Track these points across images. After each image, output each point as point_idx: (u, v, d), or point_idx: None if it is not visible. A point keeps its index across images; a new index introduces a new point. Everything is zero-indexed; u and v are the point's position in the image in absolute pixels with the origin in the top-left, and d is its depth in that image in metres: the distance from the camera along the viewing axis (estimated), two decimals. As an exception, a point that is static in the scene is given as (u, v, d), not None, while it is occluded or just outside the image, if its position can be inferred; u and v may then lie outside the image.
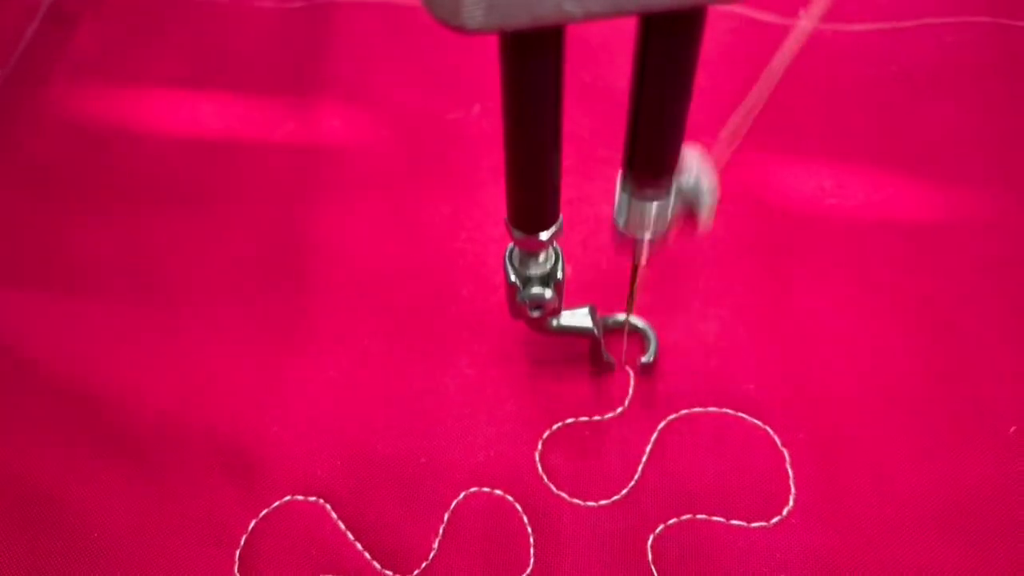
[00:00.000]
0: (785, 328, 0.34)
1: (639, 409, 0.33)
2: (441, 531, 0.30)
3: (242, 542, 0.30)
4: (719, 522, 0.30)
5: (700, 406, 0.33)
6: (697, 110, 0.24)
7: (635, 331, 0.33)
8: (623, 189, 0.25)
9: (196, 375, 0.34)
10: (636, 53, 0.21)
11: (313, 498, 0.31)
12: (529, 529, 0.30)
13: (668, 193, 0.25)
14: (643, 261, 0.27)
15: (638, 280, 0.29)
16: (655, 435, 0.32)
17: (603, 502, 0.31)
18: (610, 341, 0.33)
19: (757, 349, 0.33)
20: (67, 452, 0.32)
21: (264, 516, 0.31)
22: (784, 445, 0.32)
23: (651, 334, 0.33)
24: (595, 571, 0.29)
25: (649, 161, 0.24)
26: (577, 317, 0.31)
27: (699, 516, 0.30)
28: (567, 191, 0.25)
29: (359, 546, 0.30)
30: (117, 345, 0.35)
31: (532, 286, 0.28)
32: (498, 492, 0.31)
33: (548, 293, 0.28)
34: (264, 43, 0.44)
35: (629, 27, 0.21)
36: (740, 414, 0.32)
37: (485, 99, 0.41)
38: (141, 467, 0.32)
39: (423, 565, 0.30)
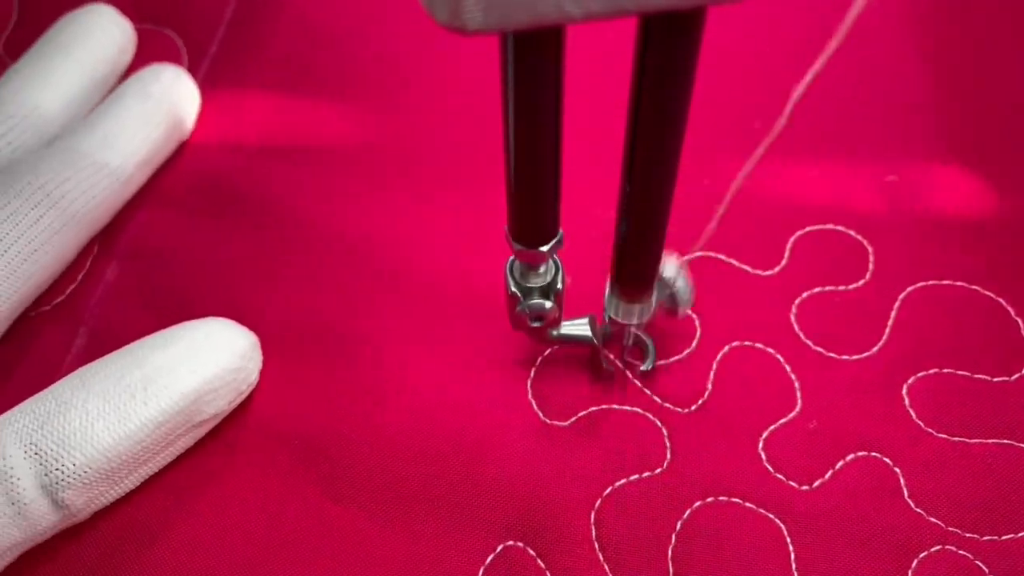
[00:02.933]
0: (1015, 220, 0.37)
1: (881, 280, 0.36)
2: (711, 376, 0.34)
3: (532, 374, 0.34)
4: (964, 376, 0.33)
5: (936, 279, 0.36)
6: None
7: (635, 341, 0.35)
8: (611, 291, 0.29)
9: (460, 240, 0.37)
10: (635, 58, 0.22)
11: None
12: (793, 376, 0.34)
13: (650, 297, 0.29)
14: (628, 343, 0.33)
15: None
16: (897, 303, 0.35)
17: (855, 356, 0.34)
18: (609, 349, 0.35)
19: (988, 231, 0.36)
20: (353, 296, 0.36)
21: (540, 361, 0.34)
22: (1017, 315, 0.35)
23: (649, 343, 0.34)
24: (855, 413, 0.33)
25: (632, 280, 0.28)
26: (577, 327, 0.32)
27: (945, 370, 0.34)
28: (566, 201, 0.27)
29: (638, 383, 0.33)
30: (387, 214, 0.38)
31: (532, 297, 0.29)
32: (759, 345, 0.34)
33: (548, 304, 0.29)
34: None
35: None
36: (974, 287, 0.35)
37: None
38: (428, 317, 0.35)
39: (699, 402, 0.33)
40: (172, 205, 0.39)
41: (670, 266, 0.29)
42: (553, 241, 0.27)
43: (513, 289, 0.29)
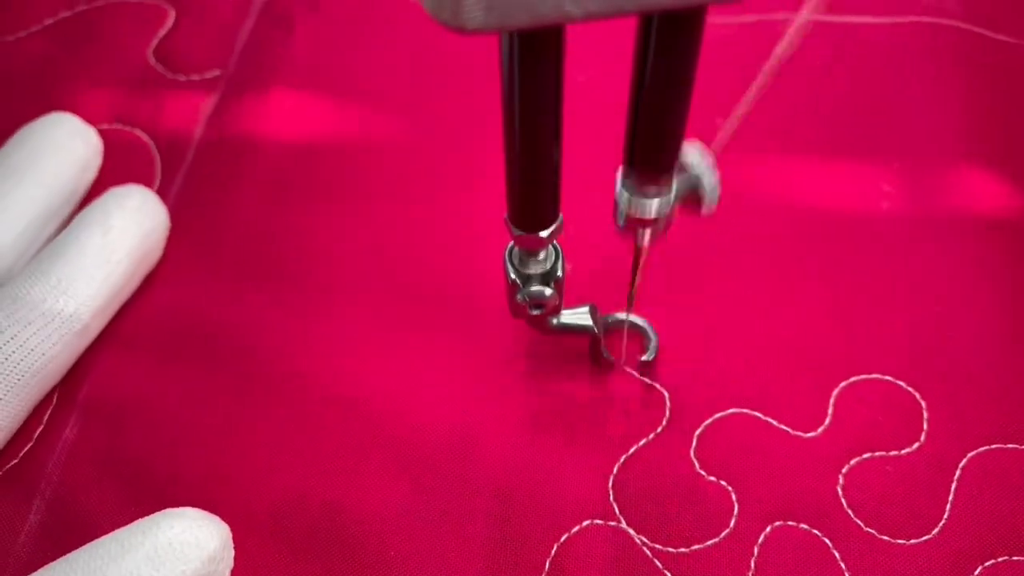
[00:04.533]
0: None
1: (938, 443, 0.32)
2: (753, 564, 0.30)
3: (546, 566, 0.30)
4: (1038, 565, 0.29)
5: (1001, 442, 0.32)
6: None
7: (635, 329, 0.33)
8: (623, 185, 0.25)
9: (463, 386, 0.33)
10: (636, 54, 0.22)
11: (614, 523, 0.30)
12: (843, 566, 0.30)
13: (669, 189, 0.25)
14: (644, 248, 0.28)
15: (639, 276, 0.29)
16: (958, 472, 0.31)
17: (913, 541, 0.30)
18: (610, 339, 0.34)
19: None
20: (358, 466, 0.32)
21: (565, 541, 0.30)
22: (1096, 487, 0.31)
23: (651, 333, 0.33)
24: (915, 611, 0.29)
25: (649, 159, 0.24)
26: (577, 315, 0.31)
27: (1015, 557, 0.30)
28: (567, 188, 0.26)
29: (669, 574, 0.29)
30: (380, 353, 0.34)
31: (532, 284, 0.28)
32: (804, 527, 0.30)
33: (548, 291, 0.28)
34: (479, 49, 0.44)
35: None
36: (1043, 452, 0.31)
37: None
38: (423, 494, 0.31)
39: (738, 598, 0.29)
40: (140, 348, 0.35)
41: (693, 151, 0.25)
42: (553, 226, 0.26)
43: (512, 276, 0.28)
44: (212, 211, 0.39)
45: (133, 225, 0.34)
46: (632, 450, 0.32)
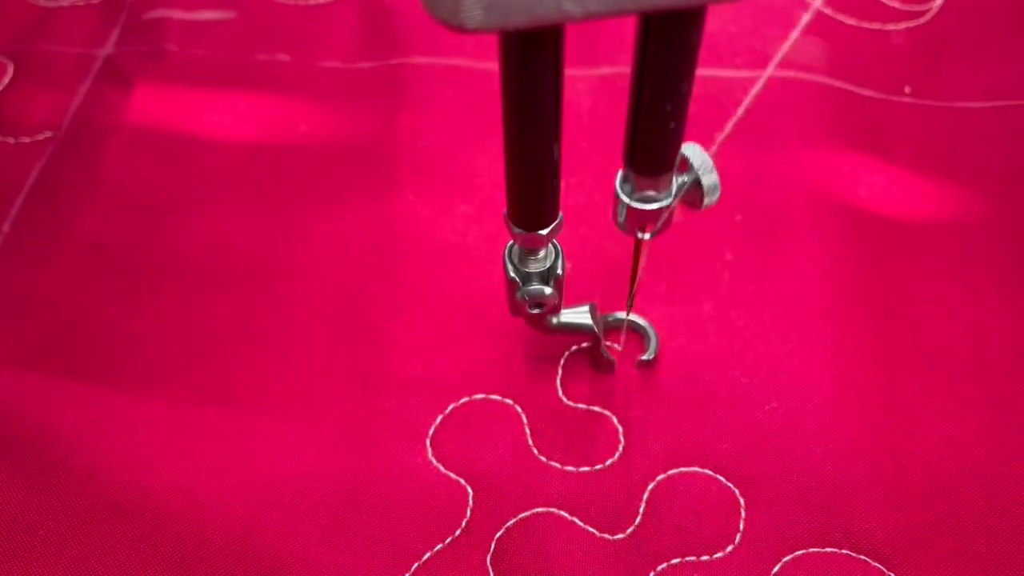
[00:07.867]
0: (914, 464, 0.31)
1: (753, 547, 0.30)
2: None
3: None
4: None
5: (819, 546, 0.30)
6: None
7: (635, 329, 0.33)
8: (622, 188, 0.25)
9: (272, 491, 0.31)
10: (635, 53, 0.21)
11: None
12: None
13: (669, 189, 0.25)
14: (645, 246, 0.28)
15: (639, 273, 0.29)
16: (770, 579, 0.29)
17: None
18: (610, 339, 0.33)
19: (884, 485, 0.31)
20: (118, 570, 0.30)
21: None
22: (914, 597, 0.29)
23: (651, 332, 0.32)
24: None
25: (649, 161, 0.24)
26: (577, 315, 0.31)
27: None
28: (567, 185, 0.26)
29: None
30: (182, 453, 0.32)
31: (532, 283, 0.28)
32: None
33: (548, 290, 0.28)
34: (332, 107, 0.42)
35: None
36: (861, 556, 0.29)
37: (584, 175, 0.37)
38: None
39: None
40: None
41: (693, 149, 0.25)
42: (552, 224, 0.26)
43: (512, 275, 0.28)
44: (23, 289, 0.37)
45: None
46: (425, 557, 0.30)
